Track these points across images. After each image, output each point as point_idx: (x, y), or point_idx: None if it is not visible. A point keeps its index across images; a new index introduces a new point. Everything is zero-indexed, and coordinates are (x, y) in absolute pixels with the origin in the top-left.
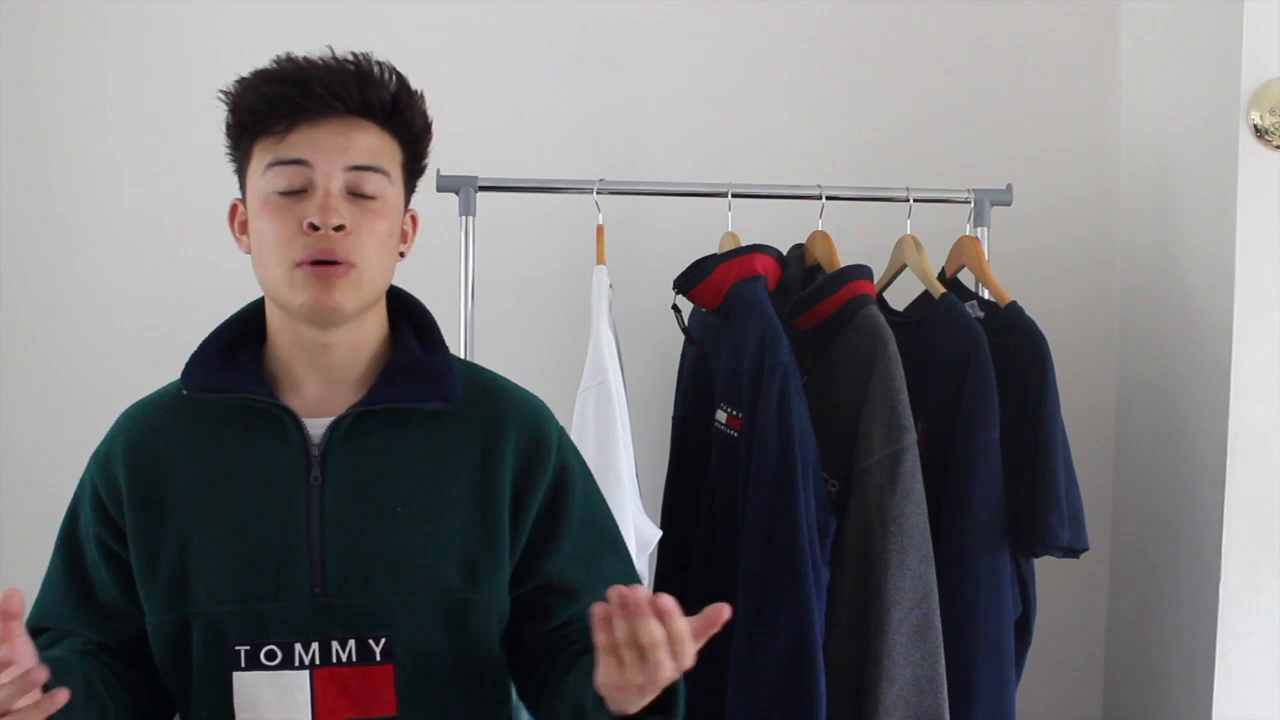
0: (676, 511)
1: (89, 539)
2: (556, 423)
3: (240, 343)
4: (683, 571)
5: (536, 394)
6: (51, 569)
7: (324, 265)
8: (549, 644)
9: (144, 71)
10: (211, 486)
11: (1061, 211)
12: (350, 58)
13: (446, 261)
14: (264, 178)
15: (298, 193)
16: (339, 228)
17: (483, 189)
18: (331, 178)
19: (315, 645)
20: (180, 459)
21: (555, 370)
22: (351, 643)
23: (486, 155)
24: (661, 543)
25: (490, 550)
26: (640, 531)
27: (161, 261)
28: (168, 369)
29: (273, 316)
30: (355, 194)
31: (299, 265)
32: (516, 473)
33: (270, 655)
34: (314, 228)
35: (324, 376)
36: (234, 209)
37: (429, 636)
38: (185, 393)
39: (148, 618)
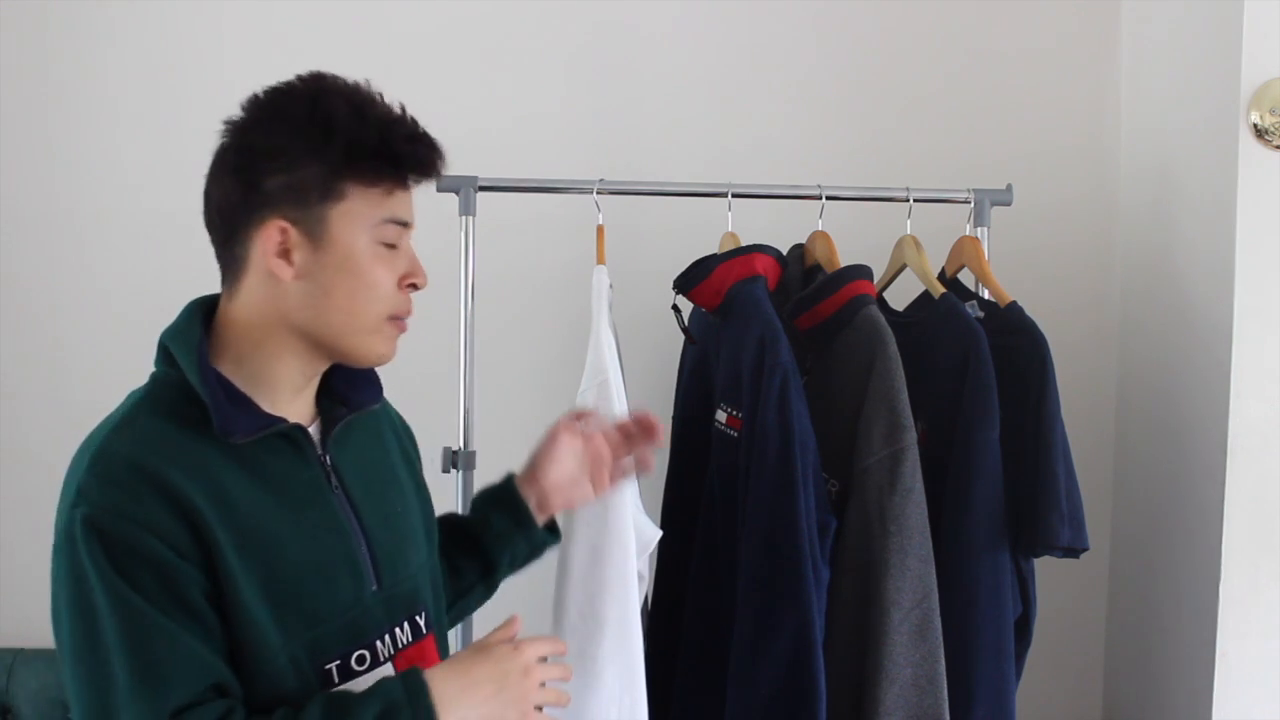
0: (676, 511)
1: (193, 590)
2: None
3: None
4: (683, 571)
5: (537, 394)
6: (152, 636)
7: (403, 321)
8: None
9: (149, 70)
10: (268, 513)
11: (1061, 211)
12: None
13: (446, 261)
14: (375, 228)
15: (393, 247)
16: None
17: (483, 189)
18: (411, 237)
19: (388, 636)
20: (234, 491)
21: (555, 370)
22: (406, 624)
23: (486, 155)
24: (661, 543)
25: (429, 515)
26: (640, 531)
27: (167, 260)
28: None
29: (273, 344)
30: None
31: (392, 319)
32: (411, 447)
33: (360, 660)
34: (415, 287)
35: (303, 395)
36: (278, 232)
37: (433, 602)
38: (234, 441)
39: (262, 662)
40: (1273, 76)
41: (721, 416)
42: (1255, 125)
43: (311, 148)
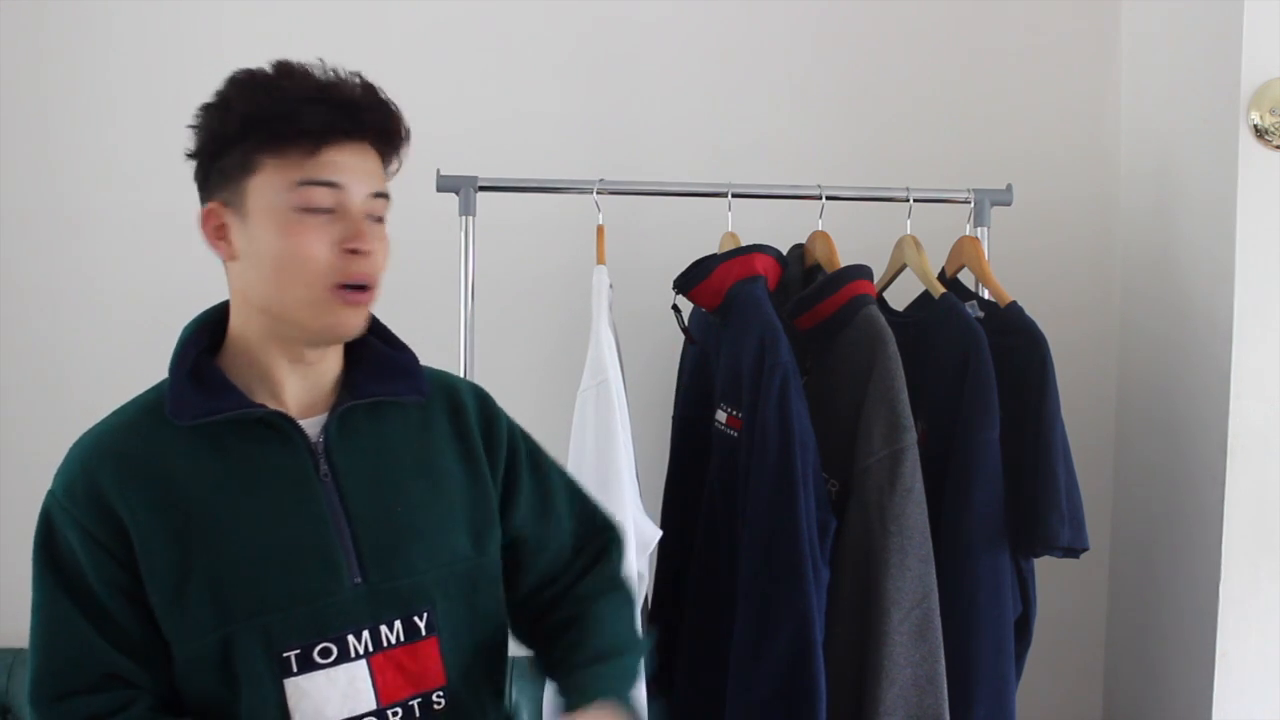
0: (676, 511)
1: (102, 584)
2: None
3: (200, 362)
4: (683, 571)
5: (537, 394)
6: (58, 622)
7: (358, 291)
8: (536, 599)
9: (146, 68)
10: (227, 498)
11: (1061, 211)
12: (361, 80)
13: (446, 261)
14: (289, 193)
15: (323, 212)
16: (369, 252)
17: (483, 189)
18: (358, 202)
19: (366, 633)
20: (186, 477)
21: (555, 370)
22: (398, 623)
23: (486, 155)
24: (661, 543)
25: (487, 513)
26: (640, 531)
27: (164, 258)
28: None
29: (253, 329)
30: (369, 218)
31: (337, 288)
32: (483, 440)
33: (325, 653)
34: (354, 252)
35: (306, 384)
36: (209, 214)
37: (456, 604)
38: (180, 424)
39: (179, 648)
40: (1273, 76)
41: (721, 416)
42: (1255, 125)
43: (220, 130)
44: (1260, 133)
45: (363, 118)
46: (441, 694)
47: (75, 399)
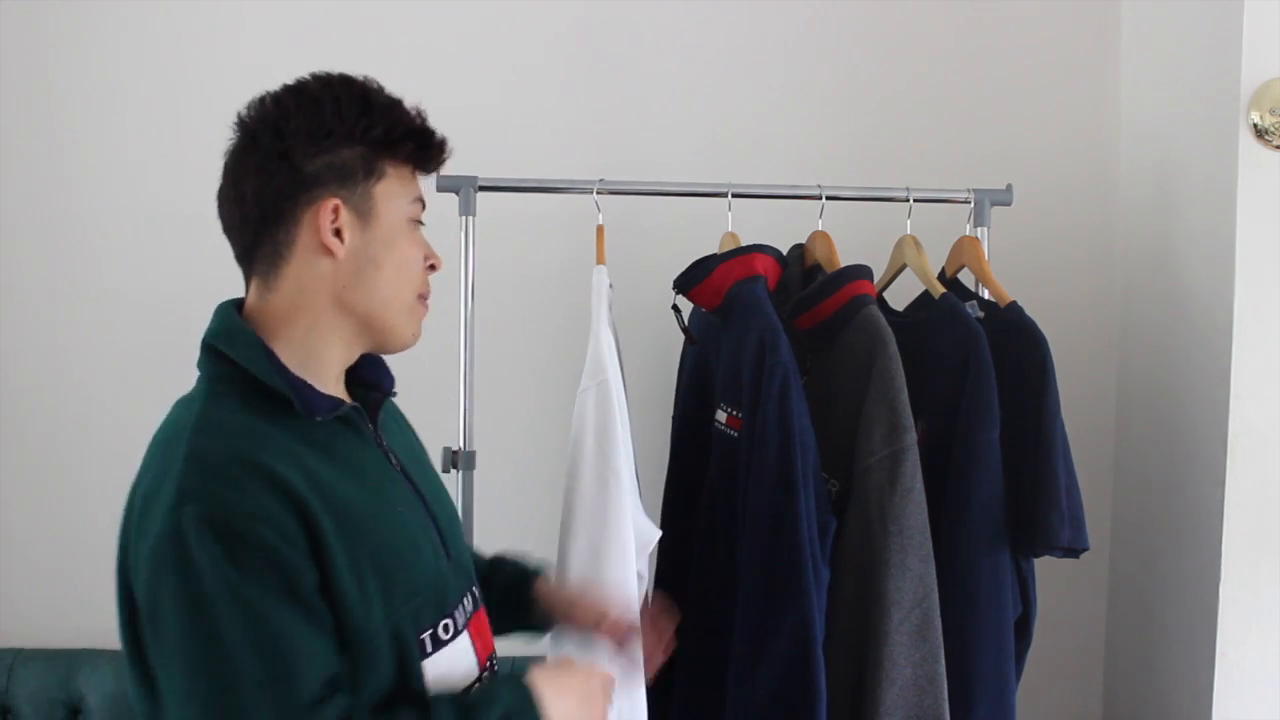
0: (676, 511)
1: (309, 586)
2: None
3: None
4: (683, 571)
5: (537, 394)
6: (283, 635)
7: (426, 304)
8: None
9: (153, 69)
10: (354, 490)
11: (1061, 211)
12: None
13: (446, 261)
14: (410, 205)
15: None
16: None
17: (483, 189)
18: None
19: (460, 607)
20: (318, 472)
21: (555, 370)
22: (469, 595)
23: (486, 155)
24: (661, 543)
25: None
26: (640, 531)
27: (171, 258)
28: (173, 364)
29: (330, 328)
30: None
31: (420, 298)
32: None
33: (446, 629)
34: (433, 268)
35: (341, 382)
36: (335, 211)
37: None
38: (318, 419)
39: (363, 644)
40: (1273, 76)
41: (721, 416)
42: (1255, 125)
43: (355, 129)
44: (1260, 133)
45: (445, 153)
46: (494, 658)
47: (78, 400)
